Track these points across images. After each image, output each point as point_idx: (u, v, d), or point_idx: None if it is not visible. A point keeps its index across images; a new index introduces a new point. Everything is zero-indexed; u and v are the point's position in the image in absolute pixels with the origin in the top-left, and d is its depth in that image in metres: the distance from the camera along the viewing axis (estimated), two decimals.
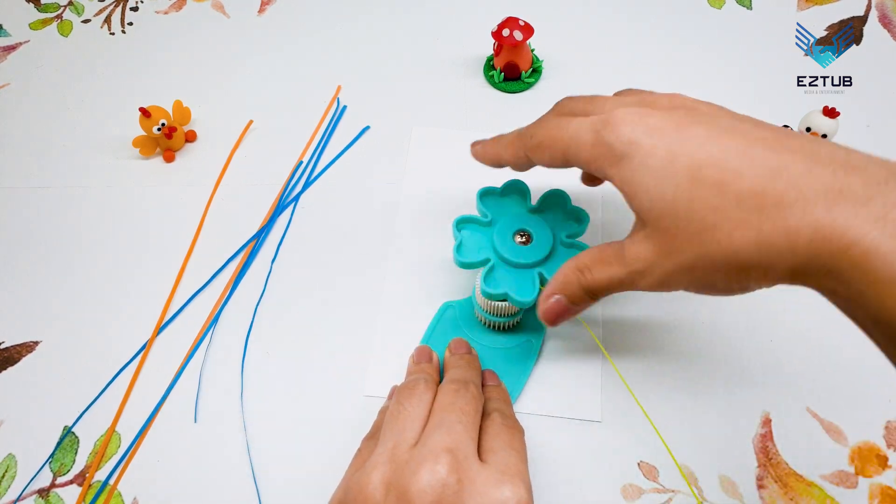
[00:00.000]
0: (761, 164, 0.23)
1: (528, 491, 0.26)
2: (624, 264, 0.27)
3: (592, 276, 0.29)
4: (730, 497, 0.33)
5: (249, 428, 0.36)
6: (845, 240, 0.21)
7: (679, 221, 0.25)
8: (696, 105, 0.28)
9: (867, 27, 0.51)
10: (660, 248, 0.26)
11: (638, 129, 0.26)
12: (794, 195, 0.22)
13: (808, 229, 0.22)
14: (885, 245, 0.20)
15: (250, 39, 0.53)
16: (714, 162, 0.24)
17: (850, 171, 0.22)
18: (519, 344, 0.37)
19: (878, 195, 0.21)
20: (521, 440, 0.30)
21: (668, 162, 0.25)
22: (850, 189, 0.21)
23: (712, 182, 0.24)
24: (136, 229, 0.43)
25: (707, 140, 0.24)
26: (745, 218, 0.23)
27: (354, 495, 0.27)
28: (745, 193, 0.23)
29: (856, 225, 0.21)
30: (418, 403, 0.30)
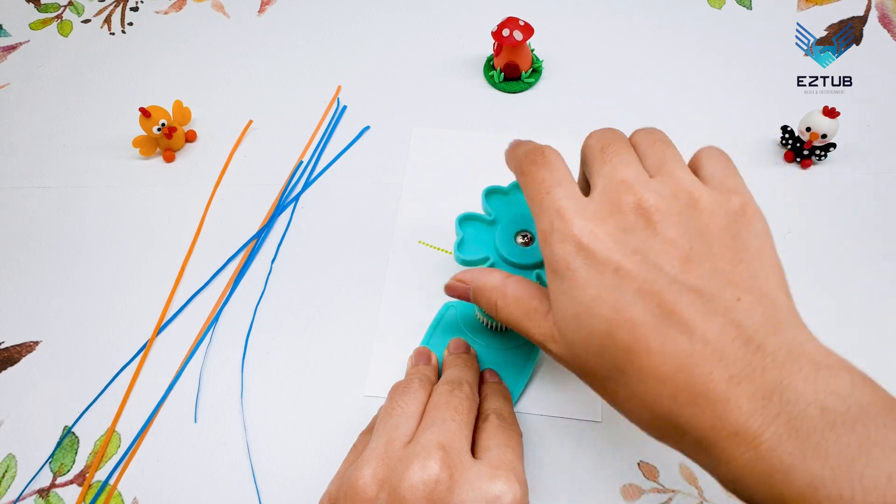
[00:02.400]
0: (671, 350, 0.23)
1: (522, 486, 0.26)
2: (540, 332, 0.28)
3: (505, 311, 0.29)
4: (730, 497, 0.33)
5: (249, 428, 0.36)
6: (720, 457, 0.22)
7: (590, 359, 0.25)
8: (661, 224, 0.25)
9: (867, 27, 0.51)
10: (568, 355, 0.27)
11: (579, 256, 0.25)
12: (687, 397, 0.23)
13: (693, 433, 0.23)
14: (746, 473, 0.22)
15: (250, 39, 0.53)
16: (631, 327, 0.23)
17: (744, 380, 0.22)
18: (520, 345, 0.37)
19: (758, 411, 0.21)
20: (518, 440, 0.30)
21: (592, 304, 0.24)
22: (736, 402, 0.22)
23: (623, 346, 0.24)
24: (137, 229, 0.43)
25: (636, 298, 0.24)
26: (642, 392, 0.24)
27: (346, 490, 0.27)
28: (648, 373, 0.23)
29: (731, 447, 0.22)
30: (412, 401, 0.30)
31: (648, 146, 0.28)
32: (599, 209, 0.26)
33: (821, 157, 0.44)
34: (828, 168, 0.44)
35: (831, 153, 0.44)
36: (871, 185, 0.43)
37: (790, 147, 0.44)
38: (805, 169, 0.44)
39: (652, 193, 0.26)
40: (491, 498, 0.25)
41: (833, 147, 0.43)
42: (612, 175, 0.27)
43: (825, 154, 0.43)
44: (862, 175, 0.44)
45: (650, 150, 0.28)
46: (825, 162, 0.44)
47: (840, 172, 0.44)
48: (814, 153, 0.43)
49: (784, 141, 0.44)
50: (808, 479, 0.20)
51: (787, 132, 0.44)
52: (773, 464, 0.21)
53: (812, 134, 0.42)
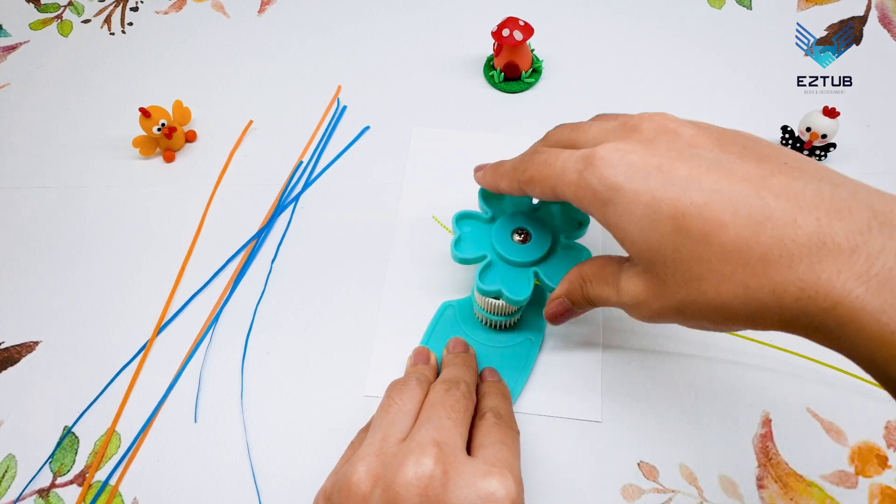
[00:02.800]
0: (745, 213, 0.23)
1: (517, 483, 0.26)
2: (617, 292, 0.28)
3: (593, 290, 0.30)
4: (730, 497, 0.33)
5: (249, 428, 0.36)
6: (830, 299, 0.21)
7: (667, 269, 0.25)
8: (680, 129, 0.27)
9: (867, 27, 0.51)
10: (650, 290, 0.26)
11: (619, 172, 0.25)
12: (779, 250, 0.22)
13: (793, 287, 0.22)
14: (868, 303, 0.20)
15: (250, 39, 0.53)
16: (698, 211, 0.23)
17: (834, 216, 0.22)
18: (519, 343, 0.37)
19: (862, 245, 0.21)
20: (515, 437, 0.30)
21: (651, 210, 0.24)
22: (833, 241, 0.21)
23: (697, 233, 0.23)
24: (136, 229, 0.43)
25: (690, 183, 0.24)
26: (731, 272, 0.23)
27: (341, 486, 0.27)
28: (730, 246, 0.23)
29: (839, 283, 0.21)
30: (409, 399, 0.30)
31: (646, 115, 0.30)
32: (616, 135, 0.27)
33: (821, 157, 0.44)
34: None
35: (831, 153, 0.44)
36: (871, 185, 0.43)
37: (790, 147, 0.44)
38: None
39: (667, 116, 0.27)
40: (485, 494, 0.25)
41: (833, 147, 0.43)
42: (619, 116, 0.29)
43: (825, 154, 0.43)
44: (862, 175, 0.43)
45: None
46: (825, 162, 0.44)
47: (840, 172, 0.44)
48: (814, 153, 0.43)
49: (784, 141, 0.44)
50: None
51: (787, 132, 0.44)
52: (886, 298, 0.20)
53: (812, 134, 0.42)
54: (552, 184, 0.29)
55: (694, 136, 0.26)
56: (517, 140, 0.45)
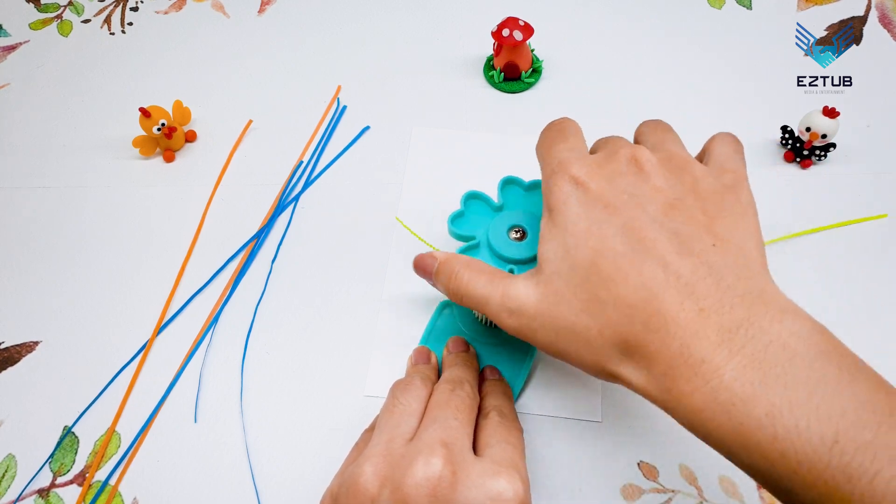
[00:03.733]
0: (647, 279, 0.25)
1: (524, 483, 0.26)
2: (503, 295, 0.28)
3: (468, 280, 0.30)
4: (730, 497, 0.33)
5: (249, 428, 0.36)
6: (690, 384, 0.23)
7: (568, 291, 0.26)
8: (652, 175, 0.28)
9: (867, 27, 0.51)
10: (541, 302, 0.27)
11: (575, 193, 0.28)
12: (658, 323, 0.24)
13: (661, 363, 0.24)
14: (708, 402, 0.23)
15: (250, 39, 0.53)
16: (613, 257, 0.25)
17: (715, 310, 0.24)
18: (518, 340, 0.37)
19: (725, 342, 0.23)
20: (519, 436, 0.30)
21: (581, 236, 0.26)
22: (705, 332, 0.23)
23: (605, 275, 0.25)
24: (136, 229, 0.43)
25: (620, 232, 0.26)
26: (616, 320, 0.25)
27: (348, 487, 0.27)
28: (623, 300, 0.25)
29: (696, 377, 0.23)
30: (414, 399, 0.30)
31: (650, 131, 0.31)
32: (598, 159, 0.29)
33: (821, 157, 0.44)
34: (828, 168, 0.44)
35: (831, 153, 0.44)
36: (871, 185, 0.43)
37: (790, 147, 0.44)
38: (805, 169, 0.44)
39: (647, 153, 0.29)
40: (494, 495, 0.25)
41: (833, 147, 0.43)
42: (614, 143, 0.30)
43: (825, 154, 0.43)
44: (862, 175, 0.44)
45: (651, 134, 0.31)
46: (825, 162, 0.44)
47: (840, 172, 0.44)
48: (814, 153, 0.43)
49: (784, 141, 0.44)
50: (768, 407, 0.21)
51: (787, 132, 0.44)
52: (736, 392, 0.22)
53: (812, 134, 0.42)
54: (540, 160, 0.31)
55: (654, 189, 0.27)
56: (517, 140, 0.46)
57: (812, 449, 0.21)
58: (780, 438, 0.21)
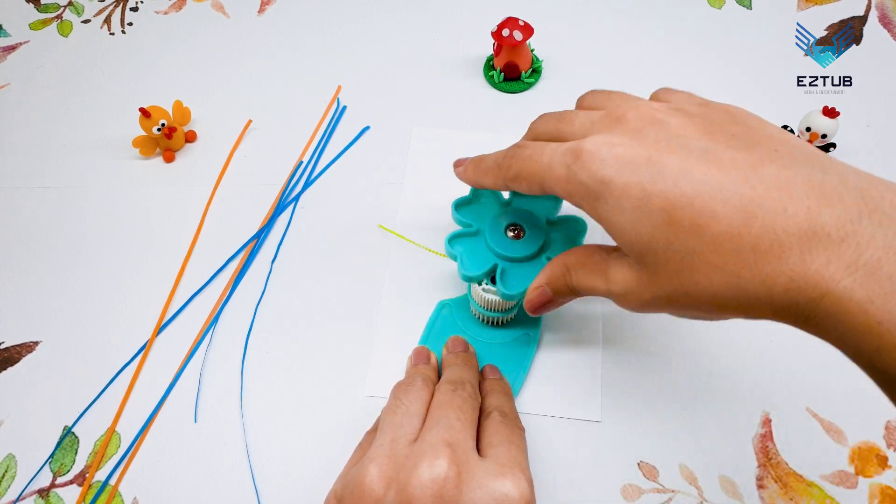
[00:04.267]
0: (735, 203, 0.22)
1: (529, 483, 0.26)
2: (606, 281, 0.28)
3: (577, 279, 0.29)
4: (730, 497, 0.33)
5: (249, 428, 0.36)
6: (818, 290, 0.21)
7: (658, 260, 0.25)
8: (668, 116, 0.26)
9: (867, 27, 0.51)
10: (640, 280, 0.26)
11: (608, 166, 0.25)
12: (769, 240, 0.22)
13: (783, 278, 0.22)
14: (856, 294, 0.20)
15: (250, 39, 0.53)
16: (688, 202, 0.23)
17: (825, 204, 0.22)
18: (517, 338, 0.37)
19: (851, 235, 0.21)
20: (521, 436, 0.30)
21: (642, 202, 0.24)
22: (823, 230, 0.21)
23: (688, 224, 0.23)
24: (136, 229, 0.43)
25: (680, 174, 0.24)
26: (722, 262, 0.23)
27: (352, 489, 0.27)
28: (721, 237, 0.23)
29: (828, 274, 0.21)
30: (416, 399, 0.30)
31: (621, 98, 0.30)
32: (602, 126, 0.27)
33: None
34: None
35: (831, 153, 0.44)
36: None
37: None
38: None
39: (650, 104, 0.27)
40: (499, 496, 0.25)
41: (833, 147, 0.43)
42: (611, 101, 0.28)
43: None
44: None
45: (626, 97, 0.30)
46: None
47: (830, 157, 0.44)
48: None
49: None
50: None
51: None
52: (873, 289, 0.20)
53: (812, 134, 0.42)
54: (539, 179, 0.28)
55: (681, 125, 0.26)
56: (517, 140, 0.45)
57: None
58: None
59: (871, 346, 0.20)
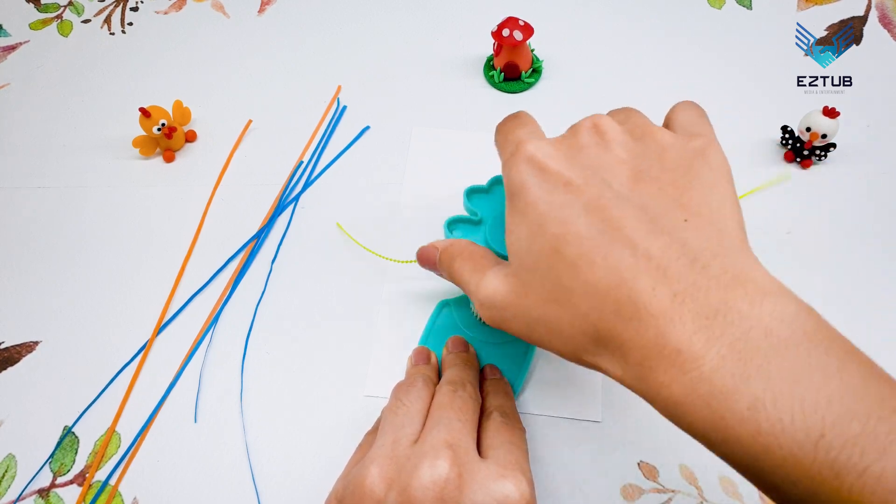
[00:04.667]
0: (614, 263, 0.23)
1: (530, 485, 0.26)
2: (478, 285, 0.28)
3: (458, 268, 0.30)
4: (730, 497, 0.33)
5: (249, 428, 0.36)
6: (667, 375, 0.22)
7: (535, 282, 0.25)
8: (613, 144, 0.26)
9: (867, 27, 0.51)
10: (509, 296, 0.26)
11: (532, 174, 0.26)
12: (630, 312, 0.22)
13: (636, 352, 0.22)
14: (687, 394, 0.21)
15: (250, 39, 0.53)
16: (577, 242, 0.24)
17: (690, 295, 0.22)
18: (516, 338, 0.37)
19: (703, 330, 0.21)
20: (522, 437, 0.30)
21: (542, 221, 0.25)
22: (680, 320, 0.22)
23: (569, 262, 0.24)
24: (136, 229, 0.43)
25: (584, 214, 0.24)
26: (586, 310, 0.23)
27: (353, 489, 0.27)
28: (592, 287, 0.23)
29: (673, 368, 0.21)
30: (416, 400, 0.30)
31: (616, 112, 0.30)
32: (558, 137, 0.28)
33: (821, 157, 0.44)
34: (828, 168, 0.44)
35: (831, 153, 0.44)
36: (871, 185, 0.43)
37: (790, 147, 0.44)
38: (805, 169, 0.44)
39: (609, 121, 0.27)
40: (500, 497, 0.25)
41: (833, 147, 0.43)
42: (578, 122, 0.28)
43: (825, 154, 0.43)
44: (862, 175, 0.44)
45: (618, 114, 0.29)
46: (825, 162, 0.44)
47: (840, 172, 0.44)
48: (814, 153, 0.43)
49: (784, 141, 0.44)
50: (750, 401, 0.20)
51: (787, 132, 0.44)
52: (716, 385, 0.21)
53: (812, 134, 0.42)
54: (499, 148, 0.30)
55: (618, 160, 0.26)
56: None
57: (797, 444, 0.19)
58: (764, 433, 0.20)
59: (717, 438, 0.21)
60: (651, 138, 0.27)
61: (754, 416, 0.20)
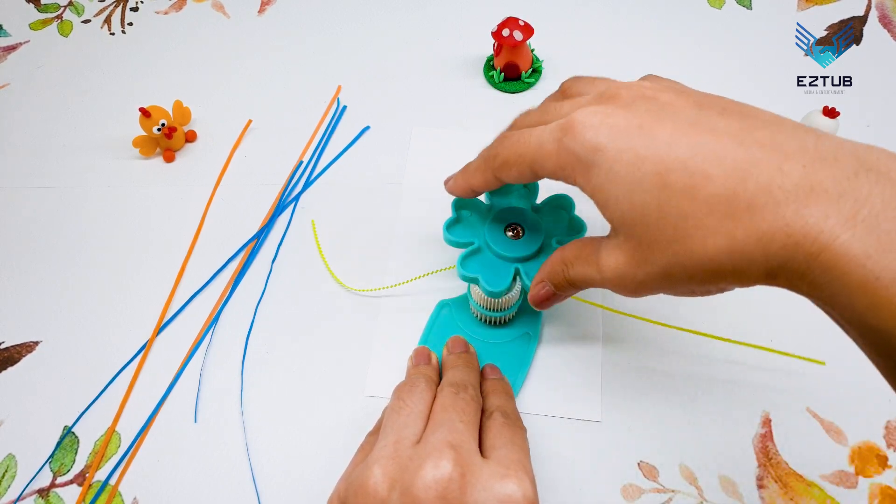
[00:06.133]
0: (730, 164, 0.22)
1: (532, 485, 0.26)
2: (598, 270, 0.28)
3: (574, 271, 0.29)
4: (730, 497, 0.33)
5: (249, 428, 0.36)
6: (816, 244, 0.21)
7: (650, 230, 0.24)
8: (658, 93, 0.26)
9: (867, 27, 0.51)
10: (632, 258, 0.26)
11: (601, 133, 0.25)
12: (765, 198, 0.21)
13: (779, 234, 0.21)
14: (854, 248, 0.20)
15: (250, 39, 0.53)
16: (682, 165, 0.23)
17: (820, 164, 0.21)
18: (517, 337, 0.37)
19: (849, 191, 0.20)
20: (524, 437, 0.30)
21: (635, 168, 0.24)
22: (820, 186, 0.21)
23: (681, 187, 0.23)
24: (137, 229, 0.43)
25: (673, 139, 0.23)
26: (717, 224, 0.22)
27: (356, 489, 0.27)
28: (716, 199, 0.22)
29: (826, 228, 0.20)
30: (419, 400, 0.30)
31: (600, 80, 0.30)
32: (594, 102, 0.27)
33: None
34: None
35: None
36: None
37: None
38: None
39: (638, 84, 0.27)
40: (503, 497, 0.25)
41: None
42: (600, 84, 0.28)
43: None
44: None
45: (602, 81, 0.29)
46: None
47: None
48: None
49: None
50: None
51: None
52: (870, 243, 0.20)
53: None
54: (529, 160, 0.28)
55: (672, 99, 0.26)
56: None
57: None
58: None
59: (864, 303, 0.20)
60: (678, 87, 0.27)
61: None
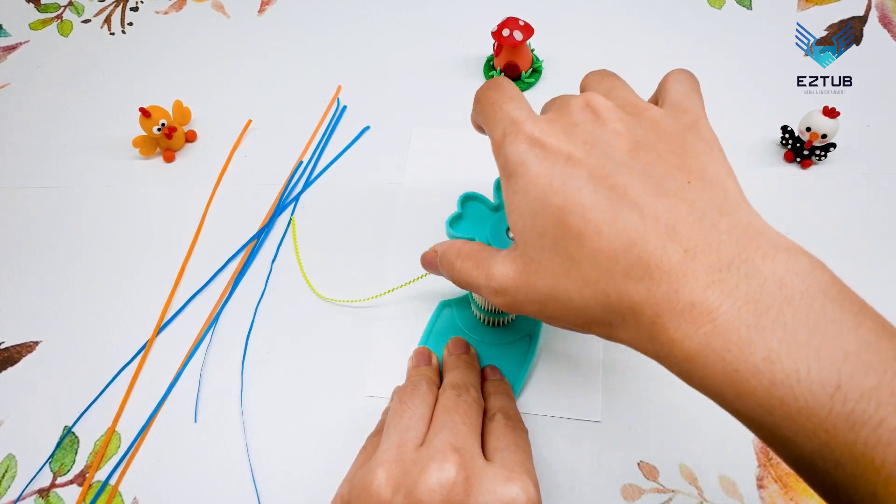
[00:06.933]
0: (621, 226, 0.23)
1: (535, 487, 0.26)
2: (486, 277, 0.28)
3: (460, 268, 0.30)
4: (730, 497, 0.33)
5: (249, 428, 0.36)
6: (679, 332, 0.21)
7: (544, 255, 0.25)
8: (608, 118, 0.26)
9: (867, 27, 0.51)
10: (519, 275, 0.26)
11: (532, 152, 0.26)
12: (642, 271, 0.22)
13: (649, 311, 0.22)
14: (714, 342, 0.21)
15: (250, 39, 0.53)
16: (581, 212, 0.24)
17: (702, 249, 0.22)
18: (518, 339, 0.37)
19: (717, 283, 0.21)
20: (526, 439, 0.30)
21: (545, 196, 0.25)
22: (692, 274, 0.21)
23: (576, 232, 0.24)
24: (136, 229, 0.43)
25: (584, 183, 0.24)
26: (596, 277, 0.23)
27: (359, 492, 0.27)
28: (601, 254, 0.23)
29: (690, 318, 0.21)
30: (421, 403, 0.30)
31: (598, 80, 0.30)
32: (550, 116, 0.27)
33: (821, 157, 0.44)
34: (828, 168, 0.44)
35: (831, 153, 0.44)
36: (871, 185, 0.43)
37: (790, 147, 0.44)
38: (805, 169, 0.44)
39: (600, 98, 0.27)
40: (507, 500, 0.25)
41: (833, 147, 0.43)
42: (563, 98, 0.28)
43: (825, 154, 0.43)
44: (862, 175, 0.44)
45: (599, 83, 0.29)
46: (825, 162, 0.44)
47: (840, 172, 0.44)
48: (814, 153, 0.43)
49: (784, 141, 0.44)
50: (765, 352, 0.20)
51: (787, 132, 0.44)
52: (731, 337, 0.20)
53: (812, 134, 0.42)
54: (486, 125, 0.29)
55: (616, 132, 0.26)
56: None
57: (812, 395, 0.19)
58: (779, 384, 0.20)
59: (731, 393, 0.21)
60: (643, 114, 0.27)
61: (769, 367, 0.20)
